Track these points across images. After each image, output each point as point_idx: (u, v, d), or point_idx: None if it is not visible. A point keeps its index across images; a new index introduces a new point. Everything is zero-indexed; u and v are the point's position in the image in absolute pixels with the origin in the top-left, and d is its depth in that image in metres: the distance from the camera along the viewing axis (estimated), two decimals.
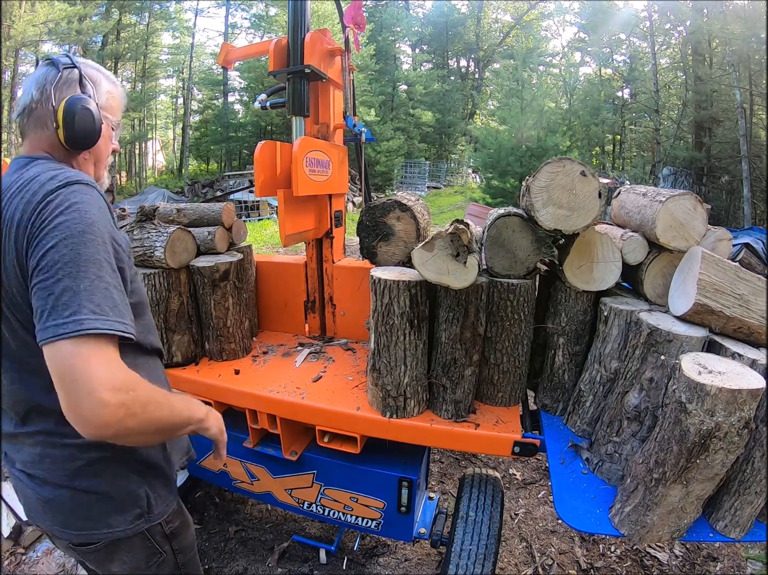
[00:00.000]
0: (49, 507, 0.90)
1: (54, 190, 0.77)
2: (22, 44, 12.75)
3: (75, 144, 0.91)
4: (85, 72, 0.94)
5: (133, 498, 0.93)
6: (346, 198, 2.05)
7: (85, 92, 0.92)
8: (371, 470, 1.53)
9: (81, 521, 0.90)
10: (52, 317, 0.71)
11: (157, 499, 0.97)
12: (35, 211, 0.75)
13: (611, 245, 1.30)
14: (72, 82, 0.92)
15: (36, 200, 0.76)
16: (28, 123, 0.92)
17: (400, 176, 18.96)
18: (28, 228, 0.75)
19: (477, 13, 26.12)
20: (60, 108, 0.88)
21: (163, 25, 19.59)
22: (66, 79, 0.91)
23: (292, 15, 1.67)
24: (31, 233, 0.75)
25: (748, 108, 10.47)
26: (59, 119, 0.88)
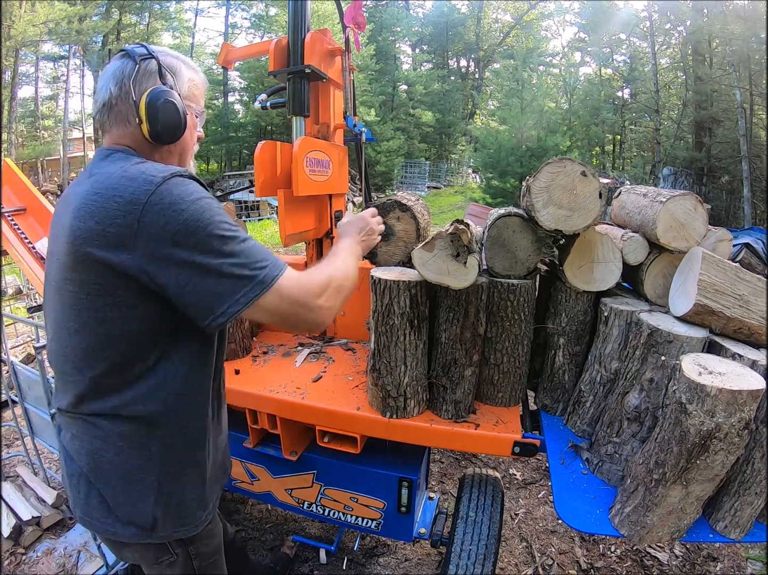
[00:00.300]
0: (68, 483, 0.93)
1: (154, 190, 0.76)
2: (22, 44, 12.75)
3: (160, 138, 0.88)
4: (164, 61, 0.89)
5: (138, 513, 0.90)
6: (346, 198, 2.05)
7: (165, 83, 0.88)
8: (371, 470, 1.53)
9: (87, 510, 0.91)
10: (238, 288, 0.77)
11: (165, 523, 0.92)
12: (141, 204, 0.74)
13: (612, 245, 1.30)
14: (151, 74, 0.87)
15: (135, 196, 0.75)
16: (109, 119, 0.89)
17: (400, 176, 18.95)
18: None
19: (477, 13, 26.11)
20: (142, 102, 0.84)
21: (163, 25, 19.57)
22: (144, 72, 0.87)
23: (292, 15, 1.67)
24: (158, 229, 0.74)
25: (748, 108, 10.47)
26: (142, 114, 0.85)
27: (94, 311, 0.80)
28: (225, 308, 0.78)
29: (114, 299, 0.78)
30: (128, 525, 0.90)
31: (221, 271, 0.76)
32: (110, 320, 0.80)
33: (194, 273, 0.76)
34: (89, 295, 0.79)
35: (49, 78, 17.15)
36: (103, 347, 0.82)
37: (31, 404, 1.96)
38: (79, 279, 0.79)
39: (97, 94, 0.91)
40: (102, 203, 0.76)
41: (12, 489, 2.11)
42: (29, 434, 2.08)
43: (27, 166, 14.11)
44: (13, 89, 13.36)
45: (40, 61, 15.56)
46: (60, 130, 15.49)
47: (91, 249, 0.75)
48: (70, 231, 0.77)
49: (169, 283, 0.76)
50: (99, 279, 0.77)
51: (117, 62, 0.89)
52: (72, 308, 0.82)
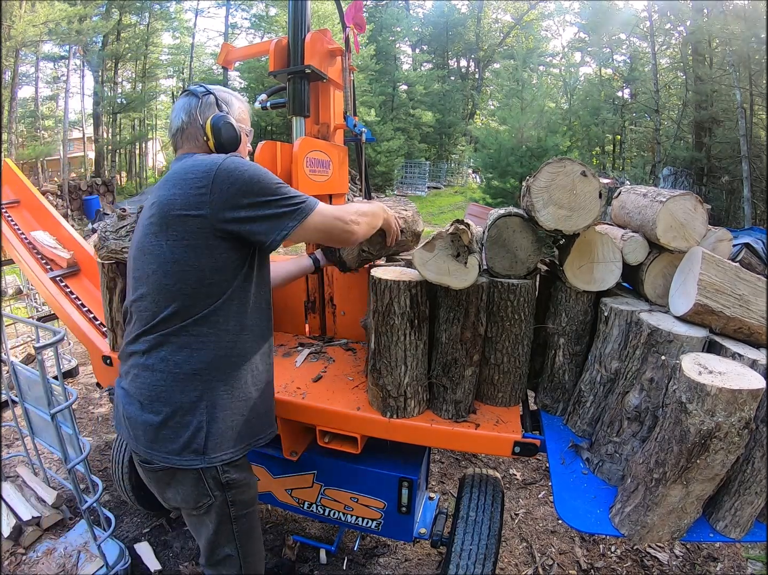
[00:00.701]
0: (129, 423, 1.08)
1: (221, 162, 1.02)
2: (22, 44, 12.73)
3: (223, 149, 1.15)
4: (219, 96, 1.19)
5: (191, 435, 1.04)
6: (346, 198, 2.05)
7: (221, 111, 1.18)
8: (371, 470, 1.53)
9: (148, 441, 1.05)
10: (291, 213, 1.05)
11: (216, 445, 1.06)
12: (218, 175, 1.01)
13: (612, 245, 1.30)
14: (211, 105, 1.17)
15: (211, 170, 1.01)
16: (182, 139, 1.18)
17: (401, 176, 18.94)
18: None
19: (477, 13, 26.09)
20: (207, 125, 1.14)
21: (163, 25, 19.54)
22: (206, 104, 1.17)
23: (293, 15, 1.67)
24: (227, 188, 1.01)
25: (748, 108, 10.47)
26: (208, 133, 1.14)
27: (170, 252, 1.02)
28: (285, 225, 1.05)
29: (187, 241, 1.01)
30: (184, 451, 1.04)
31: (279, 203, 1.04)
32: (183, 260, 1.02)
33: (260, 207, 1.02)
34: (168, 240, 1.02)
35: (49, 78, 17.15)
36: (176, 281, 1.02)
37: (31, 404, 1.96)
38: (162, 233, 1.02)
39: (171, 122, 1.20)
40: (180, 176, 1.03)
41: (12, 489, 2.11)
42: (29, 434, 2.08)
43: (27, 166, 14.09)
44: (13, 89, 13.35)
45: (40, 62, 15.53)
46: (60, 130, 15.47)
47: (175, 211, 1.01)
48: (157, 199, 1.04)
49: (240, 220, 1.01)
50: (178, 228, 1.01)
51: (184, 99, 1.18)
52: (151, 254, 1.04)
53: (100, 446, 2.73)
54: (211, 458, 1.05)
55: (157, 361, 1.04)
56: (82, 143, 16.87)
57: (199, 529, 1.18)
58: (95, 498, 1.68)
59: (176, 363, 1.04)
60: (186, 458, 1.04)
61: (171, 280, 1.03)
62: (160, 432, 1.04)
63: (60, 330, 1.59)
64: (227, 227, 1.01)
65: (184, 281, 1.02)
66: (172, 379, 1.04)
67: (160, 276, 1.03)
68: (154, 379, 1.04)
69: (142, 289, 1.07)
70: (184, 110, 1.16)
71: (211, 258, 1.03)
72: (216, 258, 1.03)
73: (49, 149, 15.12)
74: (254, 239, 1.05)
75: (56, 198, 12.20)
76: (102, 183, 14.20)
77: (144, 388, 1.05)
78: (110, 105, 17.41)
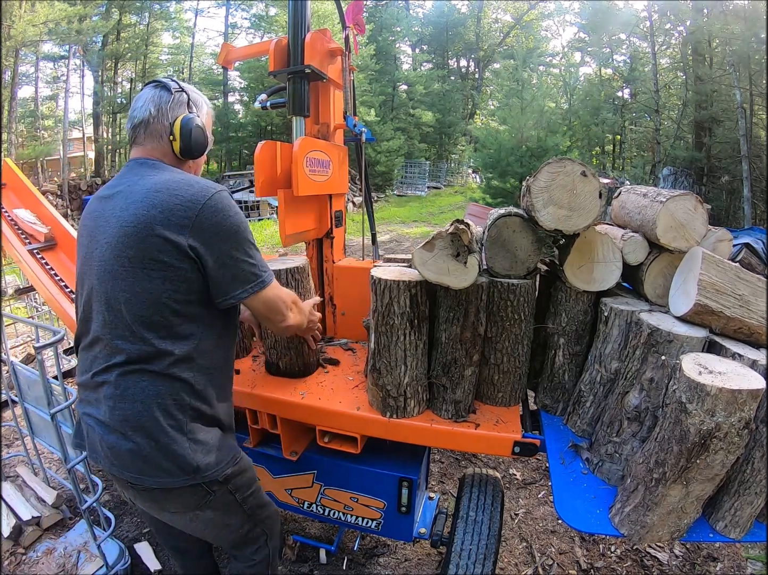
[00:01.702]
0: (111, 452, 1.03)
1: (210, 196, 1.02)
2: (22, 44, 12.72)
3: (188, 154, 1.12)
4: (191, 96, 1.15)
5: (181, 458, 1.03)
6: (346, 198, 2.05)
7: (191, 113, 1.13)
8: (371, 470, 1.53)
9: (137, 469, 1.03)
10: (251, 281, 1.06)
11: (206, 462, 1.06)
12: (194, 209, 1.00)
13: (612, 245, 1.30)
14: (182, 104, 1.12)
15: (192, 201, 1.00)
16: (144, 134, 1.10)
17: (401, 176, 18.94)
18: (192, 219, 0.99)
19: (477, 13, 26.09)
20: (177, 124, 1.09)
21: (163, 25, 19.53)
22: (177, 101, 1.11)
23: (292, 15, 1.67)
24: (196, 224, 0.99)
25: (748, 108, 10.46)
26: (176, 133, 1.09)
27: (147, 282, 0.99)
28: (237, 293, 1.05)
29: (165, 272, 0.99)
30: (177, 472, 1.02)
31: (244, 266, 1.05)
32: (159, 290, 0.99)
33: (227, 260, 1.03)
34: (144, 269, 0.98)
35: (49, 78, 17.13)
36: (152, 313, 1.00)
37: (31, 404, 1.96)
38: (137, 256, 0.98)
39: (134, 112, 1.11)
40: (164, 198, 0.99)
41: (12, 489, 2.11)
42: (29, 434, 2.08)
43: (27, 166, 14.09)
44: (13, 89, 13.35)
45: (40, 61, 15.53)
46: (60, 130, 15.47)
47: (154, 230, 0.97)
48: (134, 218, 0.98)
49: (208, 263, 1.01)
50: (155, 256, 0.97)
51: (154, 90, 1.11)
52: (125, 280, 0.99)
53: None
54: (203, 475, 1.06)
55: (137, 392, 1.01)
56: (82, 143, 16.86)
57: (209, 525, 1.19)
58: (95, 498, 1.68)
59: (158, 393, 1.02)
60: (180, 478, 1.03)
61: (148, 311, 1.00)
62: (148, 460, 1.02)
63: (60, 330, 1.59)
64: (200, 258, 1.01)
65: (160, 314, 1.00)
66: (155, 408, 1.01)
67: (136, 306, 1.00)
68: (135, 410, 1.01)
69: (113, 316, 1.02)
70: (153, 103, 1.09)
71: (187, 291, 1.02)
72: (191, 290, 1.02)
73: (49, 149, 15.11)
74: (211, 287, 1.04)
75: (56, 198, 12.20)
76: (102, 183, 14.18)
77: (125, 419, 1.01)
78: (110, 105, 17.40)
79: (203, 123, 1.16)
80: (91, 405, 1.07)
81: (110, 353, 1.03)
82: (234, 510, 1.18)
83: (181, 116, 1.10)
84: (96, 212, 1.09)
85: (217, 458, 1.09)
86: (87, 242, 1.09)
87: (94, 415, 1.05)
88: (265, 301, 1.11)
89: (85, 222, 1.12)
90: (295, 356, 1.56)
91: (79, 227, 1.15)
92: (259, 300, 1.09)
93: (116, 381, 1.02)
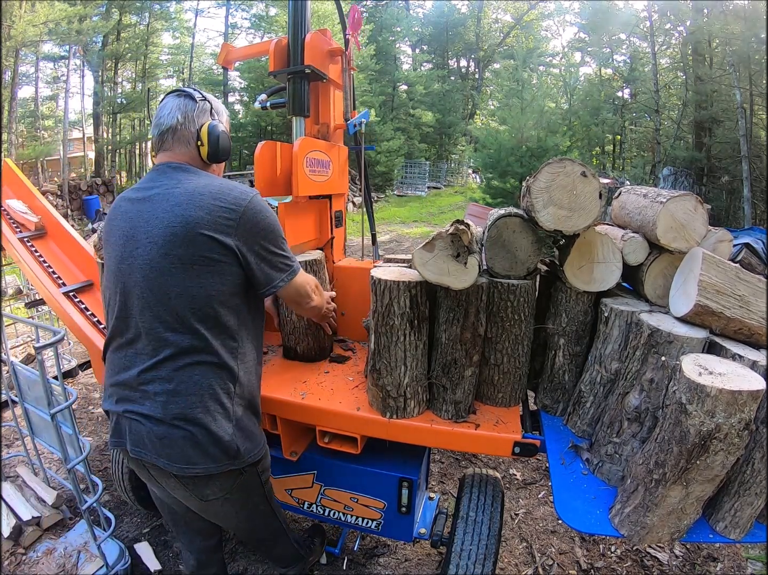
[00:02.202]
0: (160, 443, 1.07)
1: (249, 200, 1.11)
2: (22, 44, 12.71)
3: (215, 158, 1.21)
4: (214, 104, 1.23)
5: (226, 445, 1.09)
6: (346, 198, 2.05)
7: (214, 120, 1.21)
8: (371, 470, 1.53)
9: (183, 459, 1.07)
10: (285, 271, 1.18)
11: (246, 447, 1.14)
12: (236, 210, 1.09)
13: (612, 245, 1.30)
14: (206, 112, 1.20)
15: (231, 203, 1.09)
16: (173, 140, 1.17)
17: (401, 176, 18.93)
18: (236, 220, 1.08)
19: (477, 13, 26.06)
20: (204, 130, 1.17)
21: (163, 25, 19.50)
22: (202, 109, 1.19)
23: (292, 15, 1.67)
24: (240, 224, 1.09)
25: (748, 108, 10.45)
26: (204, 139, 1.17)
27: (198, 278, 1.06)
28: (276, 282, 1.17)
29: (214, 267, 1.07)
30: (222, 456, 1.09)
31: (280, 259, 1.17)
32: (209, 285, 1.07)
33: (265, 256, 1.13)
34: (195, 265, 1.06)
35: (49, 78, 17.11)
36: (201, 305, 1.07)
37: (31, 405, 1.96)
38: (186, 254, 1.05)
39: (161, 119, 1.18)
40: (208, 200, 1.07)
41: (12, 489, 2.11)
42: (29, 434, 2.08)
43: (27, 166, 14.07)
44: (13, 89, 13.33)
45: (40, 62, 15.51)
46: (60, 130, 15.45)
47: (202, 231, 1.05)
48: (181, 218, 1.05)
49: (250, 259, 1.11)
50: (205, 253, 1.06)
51: (178, 99, 1.18)
52: (174, 276, 1.06)
53: (100, 446, 2.73)
54: (243, 459, 1.14)
55: (190, 385, 1.07)
56: (82, 143, 16.84)
57: (237, 506, 1.26)
58: (95, 498, 1.68)
59: (209, 385, 1.08)
60: (224, 463, 1.10)
61: (198, 304, 1.07)
62: (198, 447, 1.07)
63: (60, 330, 1.59)
64: (243, 257, 1.10)
65: (210, 306, 1.08)
66: (207, 398, 1.08)
67: (187, 300, 1.06)
68: (189, 402, 1.06)
69: (162, 310, 1.07)
70: (179, 110, 1.16)
71: (231, 284, 1.10)
72: (235, 284, 1.11)
73: (49, 149, 15.10)
74: (253, 280, 1.15)
75: (56, 198, 12.17)
76: (102, 183, 14.18)
77: (179, 412, 1.06)
78: (110, 105, 17.38)
79: (226, 129, 1.25)
80: (133, 403, 1.10)
81: (157, 347, 1.08)
82: (257, 491, 1.27)
83: (207, 123, 1.18)
84: (131, 213, 1.14)
85: (253, 442, 1.17)
86: (123, 241, 1.13)
87: (139, 411, 1.08)
88: (297, 287, 1.23)
89: (116, 223, 1.16)
90: (312, 341, 1.69)
91: (108, 227, 1.19)
92: (293, 287, 1.21)
93: (169, 376, 1.07)
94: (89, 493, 1.79)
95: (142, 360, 1.09)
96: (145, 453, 1.09)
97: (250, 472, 1.19)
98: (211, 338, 1.08)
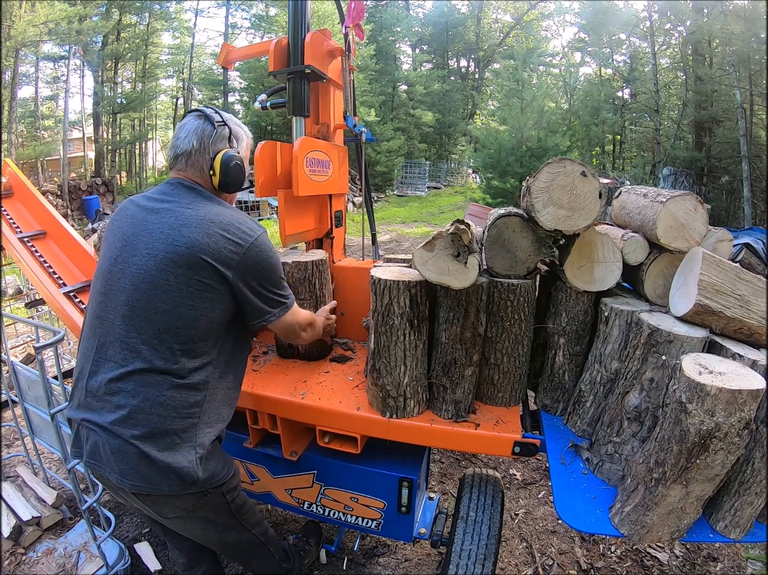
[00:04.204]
0: (114, 457, 1.04)
1: (255, 239, 1.13)
2: (22, 44, 12.71)
3: (225, 189, 1.20)
4: (233, 130, 1.21)
5: (186, 472, 1.06)
6: (346, 198, 2.05)
7: (232, 147, 1.20)
8: (371, 470, 1.53)
9: (139, 475, 1.04)
10: (276, 308, 1.20)
11: (207, 473, 1.10)
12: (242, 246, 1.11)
13: (612, 245, 1.30)
14: (224, 138, 1.19)
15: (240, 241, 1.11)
16: (186, 164, 1.18)
17: (401, 176, 18.93)
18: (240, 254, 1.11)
19: (477, 13, 26.05)
20: (217, 160, 1.16)
21: (163, 25, 19.48)
22: (219, 135, 1.18)
23: (292, 15, 1.67)
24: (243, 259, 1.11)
25: (748, 108, 10.46)
26: (216, 168, 1.16)
27: (190, 300, 1.06)
28: (267, 317, 1.18)
29: (208, 294, 1.08)
30: (179, 482, 1.05)
31: (275, 296, 1.19)
32: (199, 308, 1.07)
33: (261, 292, 1.15)
34: (190, 287, 1.06)
35: (49, 78, 17.11)
36: (185, 327, 1.07)
37: (31, 405, 1.96)
38: (185, 274, 1.05)
39: (178, 141, 1.18)
40: (217, 230, 1.08)
41: (12, 489, 2.11)
42: (29, 434, 2.08)
43: (27, 166, 14.07)
44: (13, 89, 13.33)
45: (40, 62, 15.50)
46: (60, 130, 15.44)
47: (205, 257, 1.06)
48: (187, 240, 1.06)
49: (246, 292, 1.13)
50: (203, 278, 1.07)
51: (197, 121, 1.17)
52: (167, 293, 1.05)
53: None
54: (203, 485, 1.10)
55: (155, 405, 1.04)
56: (82, 143, 16.85)
57: (201, 524, 1.23)
58: (95, 498, 1.68)
59: (175, 407, 1.06)
60: (182, 489, 1.07)
61: (182, 324, 1.06)
62: (154, 469, 1.03)
63: (60, 330, 1.59)
64: (239, 290, 1.12)
65: (194, 328, 1.08)
66: (171, 421, 1.05)
67: (173, 317, 1.06)
68: (151, 422, 1.03)
69: (143, 321, 1.05)
70: (196, 136, 1.16)
71: (221, 312, 1.11)
72: (224, 313, 1.12)
73: (49, 149, 15.09)
74: (245, 311, 1.17)
75: (56, 198, 12.17)
76: (102, 183, 14.20)
77: (136, 430, 1.03)
78: (110, 105, 17.37)
79: (242, 158, 1.23)
80: (93, 412, 1.06)
81: (128, 357, 1.05)
82: (224, 509, 1.23)
83: (223, 152, 1.16)
84: (135, 219, 1.14)
85: (215, 469, 1.13)
86: (121, 244, 1.12)
87: (97, 422, 1.05)
88: (288, 323, 1.25)
89: (118, 224, 1.16)
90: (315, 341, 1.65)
91: (111, 225, 1.19)
92: (284, 322, 1.23)
93: (134, 391, 1.04)
94: (89, 493, 1.79)
95: (109, 368, 1.06)
96: (99, 465, 1.06)
97: (215, 493, 1.15)
98: (185, 361, 1.06)
